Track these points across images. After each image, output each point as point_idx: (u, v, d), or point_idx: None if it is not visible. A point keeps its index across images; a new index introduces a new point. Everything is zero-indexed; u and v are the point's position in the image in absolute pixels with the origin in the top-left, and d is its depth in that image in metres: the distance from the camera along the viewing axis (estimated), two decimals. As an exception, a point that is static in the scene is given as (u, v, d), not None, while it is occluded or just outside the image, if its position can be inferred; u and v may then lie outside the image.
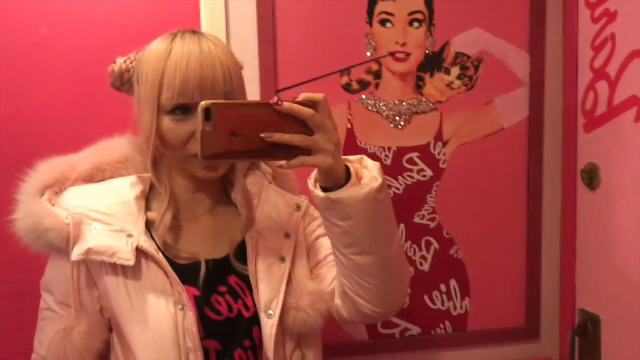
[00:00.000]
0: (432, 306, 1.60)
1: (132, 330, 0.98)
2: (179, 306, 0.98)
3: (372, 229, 0.92)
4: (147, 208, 1.05)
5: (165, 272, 0.99)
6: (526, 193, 1.62)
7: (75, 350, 0.97)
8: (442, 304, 1.60)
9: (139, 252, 0.98)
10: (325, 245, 1.10)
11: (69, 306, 1.00)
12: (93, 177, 1.07)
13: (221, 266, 1.04)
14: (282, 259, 1.06)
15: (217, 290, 1.02)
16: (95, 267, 1.00)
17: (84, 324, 0.98)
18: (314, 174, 0.91)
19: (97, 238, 0.98)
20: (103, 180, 1.07)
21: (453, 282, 1.60)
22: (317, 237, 1.11)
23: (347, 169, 0.91)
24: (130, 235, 0.99)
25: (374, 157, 1.52)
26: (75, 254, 0.97)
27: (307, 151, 0.85)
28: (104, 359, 1.03)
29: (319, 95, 0.86)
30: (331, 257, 1.05)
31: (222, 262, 1.04)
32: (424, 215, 1.58)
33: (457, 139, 1.57)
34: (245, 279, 1.04)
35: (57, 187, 1.04)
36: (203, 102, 0.82)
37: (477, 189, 1.60)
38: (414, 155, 1.56)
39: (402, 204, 1.56)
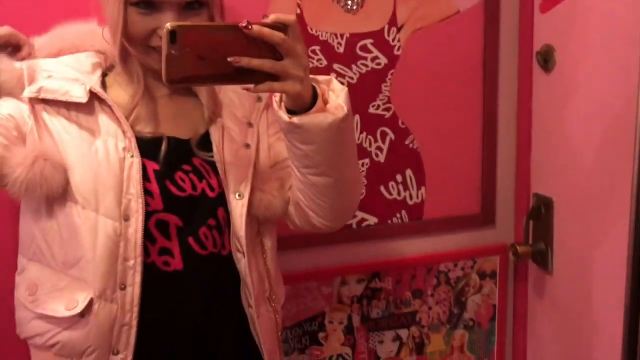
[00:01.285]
0: (388, 196, 1.60)
1: (75, 168, 0.98)
2: (129, 153, 0.99)
3: (333, 155, 0.96)
4: (103, 85, 1.04)
5: (118, 118, 1.00)
6: (482, 79, 1.58)
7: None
8: (399, 193, 1.60)
9: (93, 96, 0.99)
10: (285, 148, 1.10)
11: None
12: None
13: (185, 147, 1.05)
14: (247, 146, 1.09)
15: (182, 168, 1.04)
16: (47, 113, 1.00)
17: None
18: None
19: (50, 81, 0.99)
20: None
21: (409, 172, 1.60)
22: (279, 139, 1.11)
23: (314, 90, 0.90)
24: (84, 84, 1.00)
25: (325, 44, 1.47)
26: (28, 91, 0.97)
27: (275, 76, 0.84)
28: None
29: (290, 18, 0.85)
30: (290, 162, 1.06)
31: (186, 144, 1.06)
32: (378, 106, 1.54)
33: (411, 23, 1.51)
34: (210, 163, 1.06)
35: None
36: (168, 24, 0.80)
37: (433, 76, 1.56)
38: (368, 42, 1.50)
39: (357, 94, 1.50)
